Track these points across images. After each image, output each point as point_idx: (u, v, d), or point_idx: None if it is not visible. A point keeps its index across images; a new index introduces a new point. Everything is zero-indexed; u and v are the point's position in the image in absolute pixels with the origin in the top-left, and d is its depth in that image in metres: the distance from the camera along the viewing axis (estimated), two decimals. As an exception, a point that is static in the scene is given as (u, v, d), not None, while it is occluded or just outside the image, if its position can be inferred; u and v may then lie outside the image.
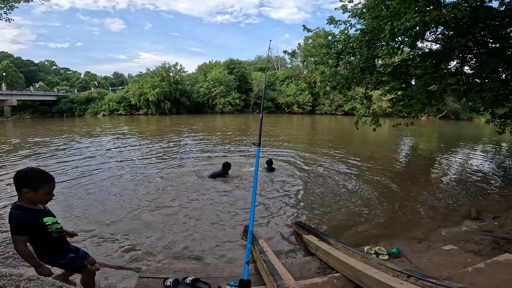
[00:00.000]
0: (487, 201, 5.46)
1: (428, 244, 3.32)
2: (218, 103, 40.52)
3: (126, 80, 71.40)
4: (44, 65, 72.17)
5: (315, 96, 42.60)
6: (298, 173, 7.17)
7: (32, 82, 51.02)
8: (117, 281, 2.84)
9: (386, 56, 5.19)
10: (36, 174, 1.86)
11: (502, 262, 2.19)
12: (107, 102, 39.61)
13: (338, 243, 2.88)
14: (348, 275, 2.28)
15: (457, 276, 2.08)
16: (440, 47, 7.15)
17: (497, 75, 6.02)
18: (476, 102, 6.98)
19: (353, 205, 5.07)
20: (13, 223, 1.78)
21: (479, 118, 34.16)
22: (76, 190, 5.73)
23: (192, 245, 3.59)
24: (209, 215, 4.52)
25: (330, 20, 7.33)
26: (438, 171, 8.24)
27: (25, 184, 1.81)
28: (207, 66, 47.32)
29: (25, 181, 1.82)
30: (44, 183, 1.87)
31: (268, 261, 2.42)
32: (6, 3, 9.47)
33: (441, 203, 5.30)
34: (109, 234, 3.83)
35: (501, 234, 3.52)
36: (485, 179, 7.10)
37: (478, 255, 2.77)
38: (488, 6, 5.43)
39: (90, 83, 60.10)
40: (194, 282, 2.41)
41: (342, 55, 7.56)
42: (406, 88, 8.46)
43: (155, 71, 38.67)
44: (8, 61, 50.40)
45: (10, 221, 1.78)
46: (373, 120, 9.33)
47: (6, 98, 33.99)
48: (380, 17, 5.78)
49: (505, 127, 7.90)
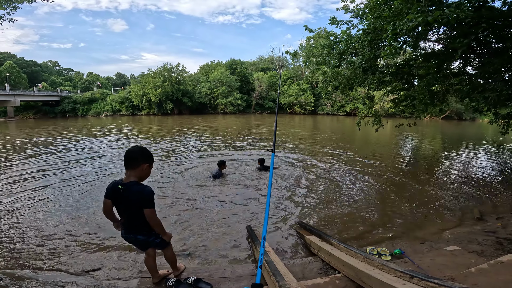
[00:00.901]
0: (490, 202, 5.42)
1: (431, 245, 3.31)
2: (220, 103, 40.59)
3: (129, 81, 71.64)
4: (47, 66, 72.64)
5: (317, 96, 42.59)
6: (300, 173, 7.17)
7: (35, 83, 51.38)
8: (119, 280, 2.86)
9: (388, 56, 5.18)
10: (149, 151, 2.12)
11: (505, 263, 2.19)
12: (110, 103, 39.78)
13: (340, 244, 2.88)
14: (350, 275, 2.27)
15: (460, 276, 2.07)
16: (442, 47, 7.12)
17: (500, 75, 5.98)
18: (479, 102, 6.93)
19: (355, 206, 5.06)
20: (152, 196, 2.03)
21: (482, 118, 33.99)
22: (80, 189, 5.77)
23: (193, 245, 3.60)
24: (210, 215, 4.52)
25: (332, 20, 7.32)
26: (440, 171, 8.21)
27: (149, 160, 2.09)
28: (209, 67, 47.44)
29: (150, 156, 2.10)
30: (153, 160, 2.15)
31: (270, 261, 2.42)
32: (9, 3, 9.54)
33: (444, 204, 5.27)
34: (110, 234, 3.84)
35: (504, 234, 3.50)
36: (488, 179, 7.06)
37: (481, 256, 2.76)
38: (491, 6, 5.39)
39: (93, 84, 60.44)
40: (196, 283, 2.41)
41: (344, 55, 7.54)
42: (409, 89, 8.43)
43: (157, 72, 38.78)
44: (11, 61, 50.76)
45: (148, 195, 2.01)
46: (375, 121, 9.31)
47: (9, 98, 34.19)
48: (382, 17, 5.77)
49: (508, 127, 7.85)
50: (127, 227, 2.18)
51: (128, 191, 2.00)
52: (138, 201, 2.02)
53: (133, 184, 2.01)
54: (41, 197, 5.35)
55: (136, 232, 2.17)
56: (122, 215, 2.16)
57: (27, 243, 3.61)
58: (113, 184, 2.06)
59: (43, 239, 3.69)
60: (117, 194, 2.02)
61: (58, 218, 4.38)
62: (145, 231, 2.18)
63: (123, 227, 2.20)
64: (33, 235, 3.83)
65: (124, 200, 2.04)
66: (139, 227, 2.15)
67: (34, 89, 40.25)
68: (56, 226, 4.12)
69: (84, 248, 3.50)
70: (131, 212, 2.09)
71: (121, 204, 2.09)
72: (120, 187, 2.00)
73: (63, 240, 3.70)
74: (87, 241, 3.68)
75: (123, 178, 2.06)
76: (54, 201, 5.13)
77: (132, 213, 2.08)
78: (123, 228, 2.20)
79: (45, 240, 3.66)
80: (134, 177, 2.04)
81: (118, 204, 2.10)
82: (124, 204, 2.07)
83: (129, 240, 2.25)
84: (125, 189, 2.00)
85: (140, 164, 2.03)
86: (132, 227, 2.17)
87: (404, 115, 10.56)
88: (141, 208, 2.04)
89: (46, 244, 3.57)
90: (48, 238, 3.73)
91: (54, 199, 5.26)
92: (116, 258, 3.28)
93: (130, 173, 2.03)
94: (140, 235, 2.18)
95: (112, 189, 2.06)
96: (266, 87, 44.50)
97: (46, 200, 5.20)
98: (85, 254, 3.36)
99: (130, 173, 2.03)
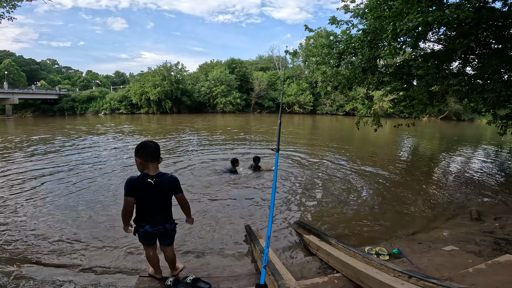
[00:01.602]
0: (488, 202, 5.45)
1: (429, 245, 3.32)
2: (219, 102, 40.54)
3: (128, 79, 71.50)
4: (46, 64, 72.37)
5: (316, 96, 42.56)
6: (298, 172, 7.17)
7: (34, 81, 51.11)
8: (117, 280, 2.85)
9: (388, 56, 5.18)
10: None
11: (503, 263, 2.19)
12: (109, 101, 39.66)
13: (338, 243, 2.88)
14: (349, 275, 2.28)
15: (458, 276, 2.08)
16: (442, 47, 7.13)
17: (499, 76, 5.99)
18: (478, 103, 6.95)
19: (353, 205, 5.07)
20: (179, 181, 2.25)
21: (481, 119, 34.07)
22: (80, 186, 5.75)
23: (192, 244, 3.60)
24: (209, 214, 4.52)
25: (332, 20, 7.32)
26: (439, 171, 8.23)
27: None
28: (208, 66, 47.35)
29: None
30: None
31: (269, 261, 2.42)
32: (8, 2, 9.49)
33: (442, 204, 5.29)
34: (109, 233, 3.84)
35: (502, 235, 3.51)
36: (486, 180, 7.08)
37: (479, 256, 2.77)
38: (491, 7, 5.40)
39: (92, 82, 60.19)
40: (194, 282, 2.41)
41: (343, 55, 7.54)
42: (408, 89, 8.44)
43: (156, 70, 38.68)
44: (10, 59, 50.57)
45: (177, 181, 2.23)
46: (374, 121, 9.32)
47: (7, 96, 34.08)
48: (383, 17, 5.77)
49: (507, 128, 7.87)
50: (156, 219, 2.22)
51: (160, 182, 2.11)
52: (170, 189, 2.19)
53: (162, 174, 2.14)
54: (39, 195, 5.33)
55: (165, 221, 2.26)
56: (150, 208, 2.19)
57: (25, 241, 3.60)
58: (141, 179, 2.10)
59: (41, 238, 3.68)
60: (147, 188, 2.09)
61: (56, 216, 4.37)
62: (171, 220, 2.32)
63: (150, 220, 2.21)
64: (31, 234, 3.81)
65: (156, 192, 2.12)
66: (167, 217, 2.28)
67: (32, 87, 40.05)
68: (54, 224, 4.10)
69: (82, 246, 3.49)
70: (163, 202, 2.20)
71: (151, 197, 2.13)
72: (151, 181, 2.08)
73: (61, 238, 3.68)
74: (86, 240, 3.66)
75: (147, 171, 2.11)
76: (53, 199, 5.10)
77: (163, 203, 2.21)
78: (149, 222, 2.21)
79: (43, 239, 3.65)
80: (158, 168, 2.17)
81: (146, 199, 2.14)
82: (155, 196, 2.14)
83: (154, 234, 2.27)
84: (157, 181, 2.10)
85: (160, 157, 2.18)
86: (161, 217, 2.24)
87: (403, 115, 10.58)
88: (170, 196, 2.22)
89: (44, 243, 3.55)
90: (46, 237, 3.72)
91: (53, 197, 5.24)
92: (114, 257, 3.27)
93: (155, 165, 2.14)
94: (168, 223, 2.28)
95: (140, 185, 2.09)
96: (265, 87, 44.47)
97: (45, 198, 5.18)
98: (83, 253, 3.35)
99: (154, 165, 2.13)
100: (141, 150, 2.11)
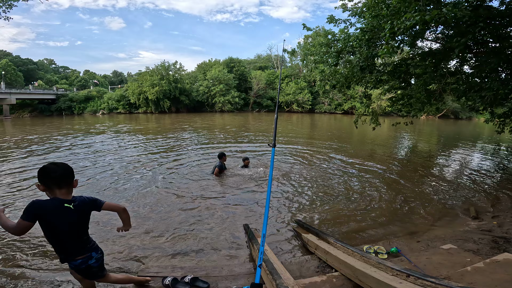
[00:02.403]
0: (486, 200, 5.46)
1: (427, 243, 3.32)
2: (218, 101, 40.49)
3: (126, 79, 71.18)
4: (43, 64, 71.92)
5: (315, 95, 42.54)
6: (297, 171, 7.16)
7: (31, 81, 50.86)
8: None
9: (386, 55, 5.18)
10: None
11: (501, 262, 2.20)
12: (106, 101, 39.48)
13: (337, 242, 2.88)
14: (347, 274, 2.28)
15: (456, 275, 2.08)
16: (440, 46, 7.13)
17: (496, 75, 6.01)
18: (475, 102, 6.98)
19: (352, 204, 5.07)
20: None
21: (478, 117, 34.24)
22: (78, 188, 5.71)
23: (191, 244, 3.59)
24: (207, 213, 4.51)
25: (330, 19, 7.31)
26: (437, 170, 8.25)
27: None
28: (206, 65, 47.23)
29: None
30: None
31: (267, 260, 2.41)
32: (4, 1, 9.41)
33: (440, 202, 5.30)
34: (107, 232, 3.82)
35: (500, 233, 3.52)
36: (484, 178, 7.11)
37: (477, 255, 2.77)
38: (489, 5, 5.42)
39: (90, 82, 59.97)
40: (193, 281, 2.40)
41: (341, 54, 7.54)
42: (406, 87, 8.46)
43: (154, 70, 38.59)
44: (7, 59, 50.23)
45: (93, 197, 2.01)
46: (373, 119, 9.34)
47: (5, 96, 33.88)
48: (380, 16, 5.77)
49: (504, 126, 7.91)
50: (78, 248, 1.92)
51: (80, 204, 1.85)
52: (90, 208, 1.93)
53: (78, 197, 1.89)
54: (38, 195, 5.31)
55: (90, 250, 1.97)
56: (68, 237, 1.86)
57: (23, 242, 3.58)
58: (55, 204, 1.77)
59: (39, 238, 3.66)
60: (63, 214, 1.77)
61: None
62: (95, 246, 2.02)
63: (70, 252, 1.90)
64: (29, 234, 3.79)
65: (73, 216, 1.82)
66: (88, 242, 1.98)
67: (30, 87, 39.88)
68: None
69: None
70: (83, 227, 1.94)
71: (66, 224, 1.80)
72: (69, 205, 1.79)
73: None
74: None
75: (59, 196, 1.79)
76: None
77: (83, 228, 1.94)
78: (70, 254, 1.90)
79: (42, 239, 3.63)
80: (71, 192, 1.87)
81: (59, 227, 1.79)
82: (72, 221, 1.83)
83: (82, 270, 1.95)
84: (77, 205, 1.83)
85: (75, 179, 1.89)
86: (83, 246, 1.94)
87: (401, 113, 10.59)
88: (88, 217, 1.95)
89: (42, 243, 3.53)
90: (44, 237, 3.69)
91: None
92: (113, 257, 3.25)
93: (69, 189, 1.85)
94: (94, 251, 1.99)
95: (55, 210, 1.76)
96: (264, 85, 44.45)
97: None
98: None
99: (68, 189, 1.84)
100: (43, 176, 1.77)
